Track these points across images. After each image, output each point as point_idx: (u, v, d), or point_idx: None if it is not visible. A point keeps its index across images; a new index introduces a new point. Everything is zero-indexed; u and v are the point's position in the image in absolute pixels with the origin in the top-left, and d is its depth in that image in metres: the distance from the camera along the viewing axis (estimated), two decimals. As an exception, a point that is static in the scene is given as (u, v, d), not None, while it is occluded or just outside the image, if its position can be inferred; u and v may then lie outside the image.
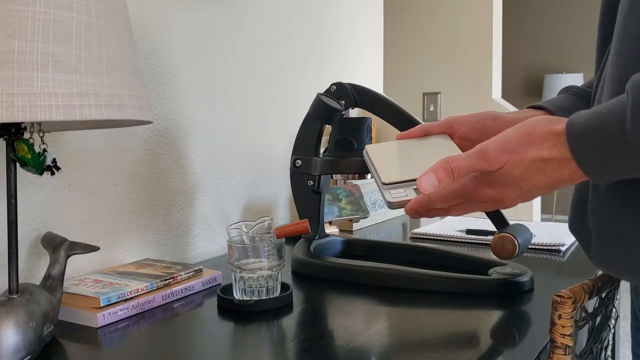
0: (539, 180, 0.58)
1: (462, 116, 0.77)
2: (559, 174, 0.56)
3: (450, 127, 0.76)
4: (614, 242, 0.59)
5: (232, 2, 1.28)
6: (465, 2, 2.87)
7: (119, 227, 1.04)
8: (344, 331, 0.76)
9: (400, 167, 0.72)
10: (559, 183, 0.58)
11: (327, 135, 1.10)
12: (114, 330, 0.79)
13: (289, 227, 0.90)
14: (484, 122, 0.75)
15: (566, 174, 0.56)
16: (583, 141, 0.53)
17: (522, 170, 0.58)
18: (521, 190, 0.60)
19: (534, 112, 0.78)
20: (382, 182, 0.70)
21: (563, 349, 0.61)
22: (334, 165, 1.05)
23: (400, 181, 0.70)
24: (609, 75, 0.60)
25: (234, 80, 1.29)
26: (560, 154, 0.55)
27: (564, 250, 1.17)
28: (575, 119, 0.55)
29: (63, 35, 0.63)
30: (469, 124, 0.75)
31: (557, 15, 5.14)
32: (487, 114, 0.76)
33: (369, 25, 1.83)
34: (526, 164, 0.57)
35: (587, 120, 0.53)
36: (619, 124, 0.50)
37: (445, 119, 0.77)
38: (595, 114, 0.53)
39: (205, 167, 1.22)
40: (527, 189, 0.59)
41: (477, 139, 0.74)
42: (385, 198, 0.68)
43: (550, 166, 0.56)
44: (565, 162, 0.55)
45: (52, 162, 0.73)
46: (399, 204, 0.67)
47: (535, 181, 0.58)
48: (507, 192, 0.60)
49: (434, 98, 2.99)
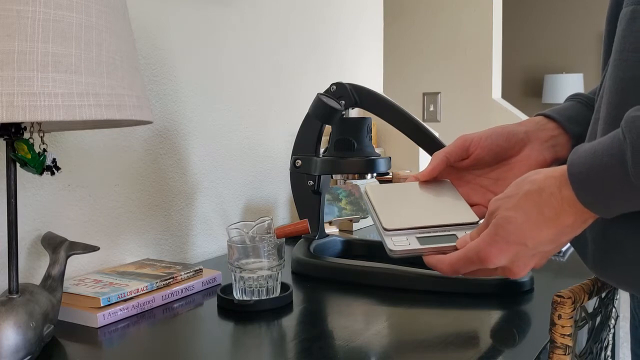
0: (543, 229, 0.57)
1: (477, 135, 0.75)
2: (564, 217, 0.56)
3: (466, 150, 0.75)
4: (611, 251, 0.58)
5: (232, 2, 1.28)
6: (465, 3, 2.87)
7: (119, 227, 1.04)
8: (344, 331, 0.76)
9: (402, 213, 0.71)
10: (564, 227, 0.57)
11: (327, 135, 1.10)
12: (114, 330, 0.79)
13: (289, 227, 0.90)
14: (498, 142, 0.74)
15: (571, 214, 0.56)
16: (586, 184, 0.53)
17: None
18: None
19: (547, 123, 0.76)
20: (384, 228, 0.69)
21: (563, 349, 0.61)
22: (334, 165, 1.05)
23: (403, 228, 0.69)
24: (607, 87, 0.60)
25: (234, 80, 1.29)
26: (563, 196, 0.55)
27: (564, 250, 1.17)
28: (575, 161, 0.54)
29: (63, 35, 0.63)
30: (484, 146, 0.74)
31: (557, 15, 5.14)
32: (500, 133, 0.75)
33: (369, 25, 1.83)
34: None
35: (588, 162, 0.53)
36: (620, 165, 0.50)
37: (460, 139, 0.76)
38: (595, 154, 0.52)
39: (205, 167, 1.22)
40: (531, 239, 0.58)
41: (492, 161, 0.75)
42: (387, 245, 0.67)
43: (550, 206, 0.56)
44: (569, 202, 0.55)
45: (52, 162, 0.73)
46: (401, 253, 0.66)
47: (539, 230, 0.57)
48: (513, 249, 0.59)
49: (434, 98, 2.99)
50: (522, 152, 0.74)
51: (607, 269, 0.60)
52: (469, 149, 0.75)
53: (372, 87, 1.72)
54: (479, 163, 0.75)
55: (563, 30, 5.12)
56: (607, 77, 0.61)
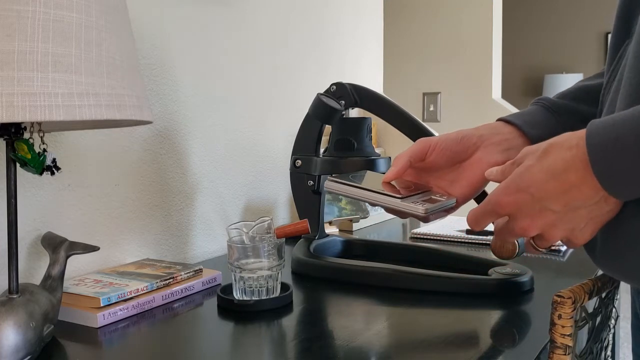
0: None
1: (434, 140, 0.78)
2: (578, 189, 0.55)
3: (425, 152, 0.78)
4: (620, 245, 0.58)
5: (232, 2, 1.28)
6: (465, 3, 2.87)
7: (119, 227, 1.04)
8: (344, 331, 0.76)
9: (391, 189, 0.76)
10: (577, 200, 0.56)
11: (327, 135, 1.10)
12: (114, 330, 0.79)
13: (289, 227, 0.90)
14: (451, 147, 0.77)
15: (575, 172, 0.55)
16: (602, 153, 0.53)
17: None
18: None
19: (503, 127, 0.78)
20: (397, 197, 0.73)
21: (563, 349, 0.61)
22: (334, 165, 1.05)
23: (409, 195, 0.74)
24: (626, 78, 0.59)
25: (234, 80, 1.29)
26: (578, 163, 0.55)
27: (564, 250, 1.17)
28: (594, 130, 0.54)
29: (63, 35, 0.63)
30: (439, 150, 0.77)
31: (557, 15, 5.14)
32: (454, 138, 0.77)
33: (369, 25, 1.83)
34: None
35: (606, 132, 0.52)
36: (636, 136, 0.50)
37: (420, 142, 0.79)
38: (615, 124, 0.52)
39: (205, 167, 1.22)
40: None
41: (447, 163, 0.78)
42: (416, 211, 0.72)
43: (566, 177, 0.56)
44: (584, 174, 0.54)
45: (52, 162, 0.73)
46: (431, 212, 0.72)
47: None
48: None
49: (434, 98, 2.99)
50: (474, 155, 0.77)
51: (615, 262, 0.60)
52: (427, 152, 0.78)
53: (372, 87, 1.72)
54: (435, 166, 0.78)
55: (563, 30, 5.12)
56: (625, 69, 0.60)
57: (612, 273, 0.62)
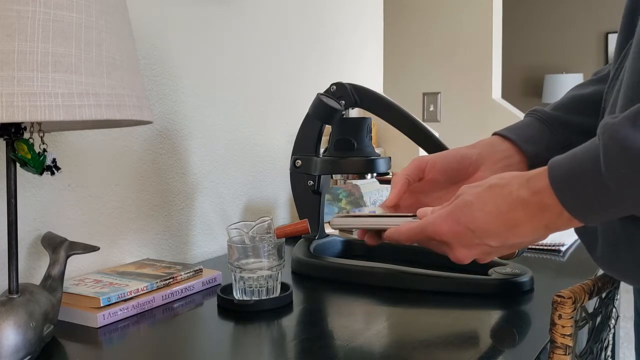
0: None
1: (431, 158, 0.78)
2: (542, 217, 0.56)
3: (422, 171, 0.78)
4: (621, 245, 0.58)
5: (231, 2, 1.28)
6: (465, 3, 2.87)
7: (119, 227, 1.04)
8: (344, 331, 0.76)
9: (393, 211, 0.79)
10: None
11: (327, 135, 1.10)
12: (114, 330, 0.79)
13: (289, 227, 0.90)
14: (451, 165, 0.77)
15: (521, 211, 0.57)
16: (566, 185, 0.53)
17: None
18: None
19: (500, 143, 0.78)
20: (410, 215, 0.74)
21: (563, 349, 0.61)
22: (334, 165, 1.05)
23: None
24: (625, 79, 0.59)
25: (234, 80, 1.29)
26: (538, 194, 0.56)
27: (564, 250, 1.17)
28: (556, 163, 0.55)
29: (63, 35, 0.63)
30: (438, 169, 0.78)
31: (557, 15, 5.14)
32: (454, 156, 0.78)
33: (369, 25, 1.83)
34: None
35: (567, 164, 0.53)
36: (594, 166, 0.51)
37: (416, 160, 0.79)
38: (574, 157, 0.53)
39: (205, 167, 1.22)
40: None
41: (446, 183, 0.78)
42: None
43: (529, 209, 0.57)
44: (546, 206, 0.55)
45: (52, 162, 0.73)
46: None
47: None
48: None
49: (434, 98, 2.99)
50: (475, 174, 0.77)
51: (615, 263, 0.60)
52: (425, 170, 0.78)
53: (372, 87, 1.72)
54: (434, 185, 0.78)
55: (563, 30, 5.12)
56: (624, 70, 0.60)
57: (613, 273, 0.62)
